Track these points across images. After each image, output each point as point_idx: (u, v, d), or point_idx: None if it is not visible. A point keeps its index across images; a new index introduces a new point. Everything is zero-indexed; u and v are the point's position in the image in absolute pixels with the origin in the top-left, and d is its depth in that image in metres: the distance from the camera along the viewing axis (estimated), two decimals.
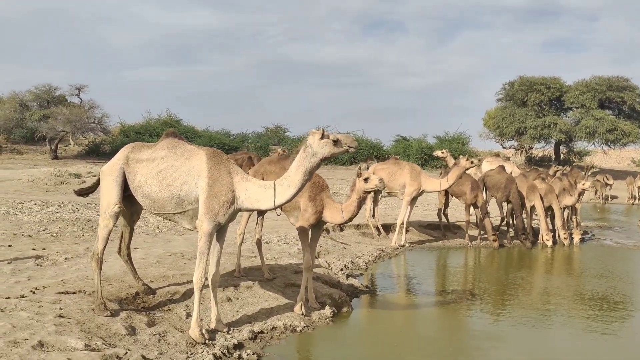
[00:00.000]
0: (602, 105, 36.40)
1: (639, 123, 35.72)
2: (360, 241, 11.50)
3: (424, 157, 38.18)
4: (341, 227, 11.95)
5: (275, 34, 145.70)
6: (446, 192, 12.90)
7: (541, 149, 40.91)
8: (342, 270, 8.78)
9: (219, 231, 5.32)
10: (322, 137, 4.88)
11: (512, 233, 13.15)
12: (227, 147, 41.75)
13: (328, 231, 11.48)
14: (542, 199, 12.54)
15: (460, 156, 11.16)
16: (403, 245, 11.40)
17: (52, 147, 37.42)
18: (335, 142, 4.88)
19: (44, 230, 9.51)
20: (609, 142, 35.94)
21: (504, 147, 42.69)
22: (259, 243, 7.13)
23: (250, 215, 7.12)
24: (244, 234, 7.12)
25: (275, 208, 5.25)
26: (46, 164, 29.88)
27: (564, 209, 13.11)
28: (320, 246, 9.81)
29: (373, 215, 12.34)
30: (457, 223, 13.71)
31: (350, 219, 5.94)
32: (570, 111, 37.50)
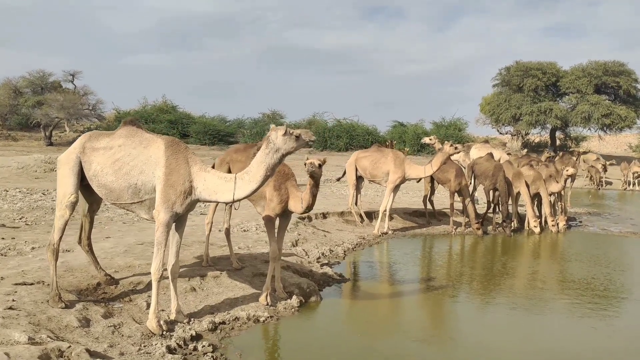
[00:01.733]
0: (598, 90, 36.11)
1: (634, 108, 35.45)
2: (342, 229, 11.43)
3: (419, 143, 37.99)
4: (324, 215, 11.88)
5: (275, 20, 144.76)
6: (432, 179, 12.83)
7: (537, 135, 40.71)
8: (319, 258, 8.73)
9: (178, 221, 5.25)
10: (285, 133, 4.80)
11: (499, 220, 13.09)
12: (222, 133, 41.66)
13: (310, 219, 11.41)
14: (528, 185, 12.46)
15: (445, 142, 11.03)
16: (386, 233, 11.32)
17: (47, 134, 37.29)
18: (297, 138, 4.81)
19: (20, 219, 9.43)
20: (605, 127, 35.73)
21: (501, 133, 42.55)
22: (227, 232, 7.05)
23: (217, 205, 7.02)
24: (212, 223, 7.03)
25: (234, 202, 5.15)
26: (40, 151, 29.76)
27: (551, 195, 13.01)
28: (299, 234, 9.76)
29: (356, 203, 12.26)
30: (443, 210, 13.63)
31: (309, 208, 5.86)
32: (566, 96, 37.21)
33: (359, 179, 12.22)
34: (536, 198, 12.89)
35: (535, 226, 12.03)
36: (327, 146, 39.44)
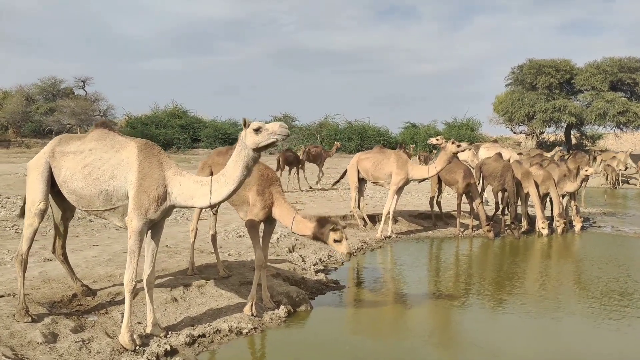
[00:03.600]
0: (614, 87, 35.24)
1: None
2: None
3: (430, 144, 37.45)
4: None
5: (288, 22, 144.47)
6: (439, 180, 12.43)
7: (552, 134, 39.92)
8: (316, 264, 8.41)
9: (154, 228, 4.96)
10: (245, 126, 4.51)
11: (508, 221, 12.68)
12: (233, 137, 41.52)
13: None
14: (537, 185, 12.01)
15: (449, 140, 10.60)
16: (389, 236, 10.96)
17: None
18: (256, 131, 4.47)
19: (12, 227, 9.24)
20: (621, 125, 34.86)
21: (515, 133, 41.82)
22: (213, 239, 6.75)
23: (202, 211, 6.72)
24: (197, 229, 6.73)
25: (211, 206, 4.85)
26: None
27: (564, 195, 12.54)
28: (297, 239, 9.42)
29: (358, 206, 11.90)
30: (451, 212, 13.21)
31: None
32: (581, 94, 36.41)
33: (362, 181, 11.87)
34: (546, 198, 12.43)
35: (543, 227, 11.57)
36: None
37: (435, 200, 12.70)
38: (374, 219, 12.03)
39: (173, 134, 40.22)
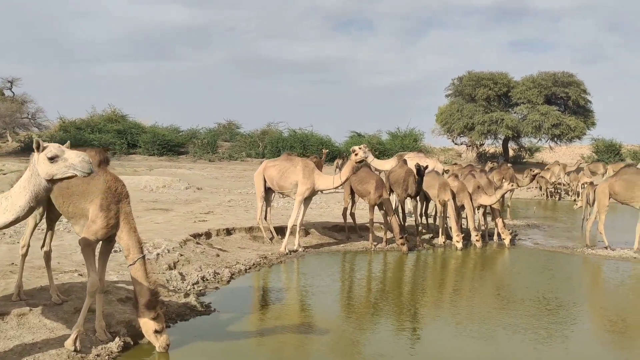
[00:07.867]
0: (548, 100, 35.91)
1: (584, 118, 35.40)
2: (245, 246, 10.25)
3: (375, 153, 37.18)
4: (228, 230, 10.66)
5: (248, 31, 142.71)
6: (352, 191, 11.80)
7: (492, 146, 40.37)
8: (196, 283, 7.55)
9: None
10: (39, 149, 3.72)
11: (427, 236, 12.19)
12: (171, 143, 40.21)
13: (209, 235, 10.20)
14: (454, 197, 11.53)
15: (354, 148, 9.85)
16: (295, 250, 10.21)
17: None
18: (51, 159, 3.69)
19: None
20: (555, 138, 35.54)
21: (456, 144, 42.06)
22: (46, 257, 5.77)
23: (36, 224, 5.74)
24: (29, 245, 5.73)
25: None
26: None
27: (479, 207, 12.13)
28: (182, 254, 8.51)
29: (265, 217, 11.08)
30: (366, 225, 12.58)
31: None
32: (517, 107, 36.98)
33: (269, 190, 11.07)
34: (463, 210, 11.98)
35: (457, 241, 11.08)
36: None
37: (349, 212, 12.06)
38: (283, 231, 11.24)
39: (109, 139, 38.64)
